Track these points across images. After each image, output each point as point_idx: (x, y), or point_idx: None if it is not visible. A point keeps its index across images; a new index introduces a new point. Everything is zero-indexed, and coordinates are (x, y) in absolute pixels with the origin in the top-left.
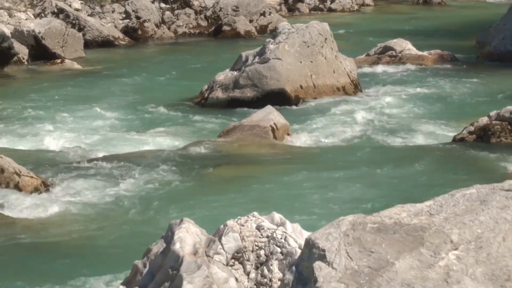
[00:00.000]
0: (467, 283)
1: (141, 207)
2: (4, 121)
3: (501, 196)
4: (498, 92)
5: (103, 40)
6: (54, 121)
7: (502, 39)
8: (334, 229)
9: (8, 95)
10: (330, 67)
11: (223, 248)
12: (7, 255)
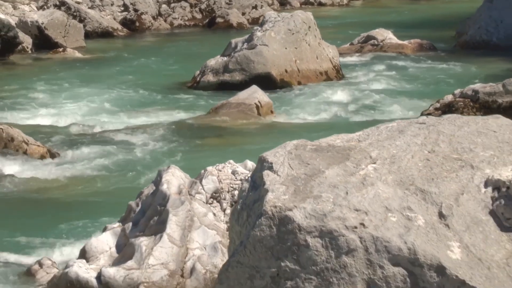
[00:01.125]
0: (379, 185)
1: (135, 167)
2: (12, 101)
3: (415, 127)
4: (469, 76)
5: (103, 31)
6: (57, 101)
7: (478, 29)
8: (281, 149)
9: (14, 79)
10: (313, 53)
11: (203, 189)
12: (16, 207)
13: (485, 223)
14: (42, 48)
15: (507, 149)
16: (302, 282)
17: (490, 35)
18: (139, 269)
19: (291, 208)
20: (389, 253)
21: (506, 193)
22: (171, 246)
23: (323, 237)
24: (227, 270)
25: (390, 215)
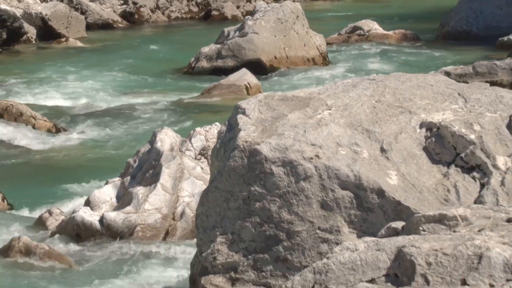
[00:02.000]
0: (332, 126)
1: (133, 136)
2: (19, 85)
3: (366, 82)
4: (447, 62)
5: (103, 23)
6: (61, 84)
7: (459, 20)
8: (253, 99)
9: (21, 65)
10: (301, 41)
11: (192, 146)
12: (28, 171)
13: (419, 156)
14: (46, 39)
15: (440, 98)
16: (268, 203)
17: (470, 26)
18: (136, 213)
19: (259, 143)
20: (339, 179)
21: (436, 132)
22: (164, 194)
23: (285, 166)
24: (206, 194)
25: (340, 149)
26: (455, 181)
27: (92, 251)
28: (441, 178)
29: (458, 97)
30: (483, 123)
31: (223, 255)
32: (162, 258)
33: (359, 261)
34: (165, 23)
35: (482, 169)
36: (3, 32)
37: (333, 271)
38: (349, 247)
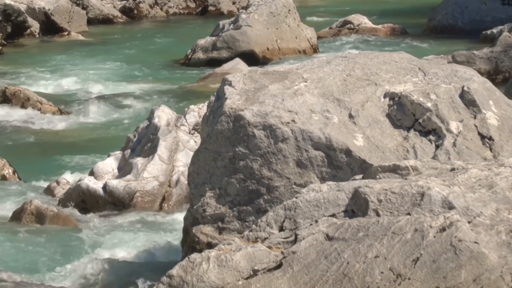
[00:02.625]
0: (307, 96)
1: (133, 118)
2: (24, 74)
3: (339, 59)
4: (432, 53)
5: (104, 18)
6: (64, 73)
7: (445, 14)
8: (239, 73)
9: (25, 57)
10: (293, 34)
11: (187, 122)
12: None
13: (382, 122)
14: (49, 33)
15: (402, 72)
16: (250, 162)
17: (455, 20)
18: (136, 181)
19: (243, 109)
20: (312, 141)
21: (398, 101)
22: (161, 164)
23: (265, 130)
24: (197, 154)
25: (314, 115)
26: (413, 143)
27: (96, 215)
28: (401, 141)
29: (418, 71)
30: (438, 93)
31: (212, 208)
32: (159, 222)
33: (322, 199)
34: (163, 18)
35: (437, 133)
36: (7, 26)
37: (300, 208)
38: (314, 188)
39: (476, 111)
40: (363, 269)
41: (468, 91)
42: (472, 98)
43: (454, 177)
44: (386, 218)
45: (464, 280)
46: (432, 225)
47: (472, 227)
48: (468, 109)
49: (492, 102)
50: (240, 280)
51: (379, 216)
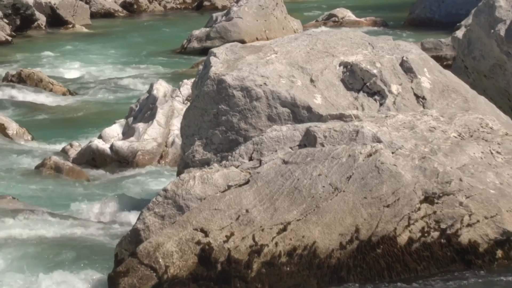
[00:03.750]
0: (277, 64)
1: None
2: (34, 62)
3: (304, 36)
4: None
5: (105, 12)
6: (70, 61)
7: (423, 8)
8: (222, 47)
9: (34, 47)
10: (280, 25)
11: (181, 94)
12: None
13: (337, 85)
14: (54, 25)
15: (355, 46)
16: (230, 117)
17: (433, 13)
18: (138, 142)
19: (224, 75)
20: (280, 99)
21: (350, 69)
22: (159, 128)
23: (243, 91)
24: (188, 111)
25: (281, 79)
26: (362, 102)
27: (104, 170)
28: (352, 100)
29: (368, 45)
30: (383, 62)
31: (199, 154)
32: (157, 174)
33: (282, 136)
34: (161, 12)
35: (381, 94)
36: (16, 18)
37: (265, 143)
38: (276, 129)
39: (413, 76)
40: (309, 184)
41: (407, 60)
42: (410, 66)
43: (384, 121)
44: (327, 147)
45: (385, 192)
46: (362, 152)
47: (394, 156)
48: (406, 75)
49: (426, 70)
50: (217, 192)
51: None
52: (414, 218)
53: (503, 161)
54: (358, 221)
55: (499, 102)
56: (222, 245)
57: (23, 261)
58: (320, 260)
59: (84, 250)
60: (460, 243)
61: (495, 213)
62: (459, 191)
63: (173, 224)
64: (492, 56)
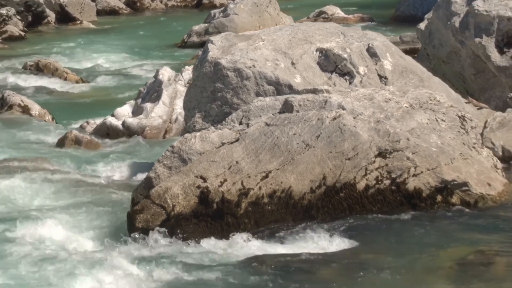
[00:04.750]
0: (263, 50)
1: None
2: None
3: (288, 27)
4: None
5: (110, 10)
6: (79, 53)
7: (407, 5)
8: (218, 35)
9: (46, 41)
10: (273, 21)
11: (183, 78)
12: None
13: (314, 67)
14: (63, 22)
15: (329, 35)
16: (225, 93)
17: (416, 10)
18: (146, 119)
19: (220, 58)
20: (266, 79)
21: (325, 54)
22: (164, 107)
23: (235, 71)
24: (189, 89)
25: (267, 62)
26: (334, 81)
27: (117, 143)
28: (326, 80)
29: (340, 34)
30: (352, 48)
31: (199, 124)
32: (163, 145)
33: (266, 105)
34: (163, 10)
35: (350, 74)
36: (28, 15)
37: (252, 111)
38: (261, 100)
39: (377, 60)
40: (286, 141)
41: (372, 47)
42: (375, 51)
43: (348, 93)
44: (301, 112)
45: (347, 148)
46: (328, 116)
47: (354, 120)
48: (371, 58)
49: (388, 54)
50: (213, 148)
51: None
52: (370, 169)
53: (446, 127)
54: (325, 171)
55: (456, 84)
56: (217, 189)
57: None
58: (295, 201)
59: (103, 199)
60: (407, 190)
61: (435, 166)
62: (407, 148)
63: (178, 173)
64: (448, 45)
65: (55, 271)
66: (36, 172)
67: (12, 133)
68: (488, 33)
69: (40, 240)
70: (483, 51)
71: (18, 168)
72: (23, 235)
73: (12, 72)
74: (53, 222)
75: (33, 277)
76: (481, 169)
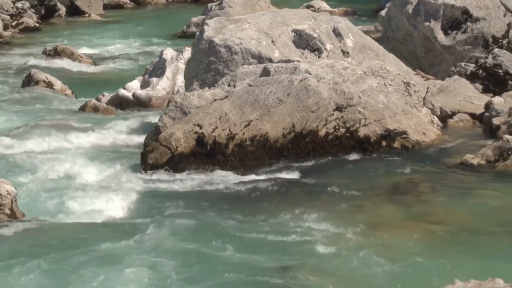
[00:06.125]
0: (249, 30)
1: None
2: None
3: (270, 13)
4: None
5: (116, 4)
6: (89, 42)
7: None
8: (212, 19)
9: (58, 32)
10: None
11: (183, 57)
12: (82, 81)
13: (290, 45)
14: (73, 15)
15: (303, 19)
16: (218, 66)
17: None
18: (152, 91)
19: (214, 37)
20: (251, 54)
21: (299, 33)
22: (168, 81)
23: (226, 47)
24: (189, 61)
25: (252, 40)
26: (306, 55)
27: (128, 112)
28: (300, 55)
29: (312, 18)
30: (321, 29)
31: (197, 91)
32: None
33: (249, 71)
34: (164, 5)
35: (319, 50)
36: (41, 9)
37: (238, 75)
38: (245, 67)
39: (341, 38)
40: (264, 98)
41: (337, 28)
42: (339, 32)
43: (314, 63)
44: (276, 76)
45: (311, 103)
46: (297, 79)
47: (317, 82)
48: (336, 37)
49: (350, 34)
50: (208, 103)
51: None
52: (329, 120)
53: (392, 90)
54: (294, 121)
55: (411, 61)
56: (210, 134)
57: (85, 150)
58: (271, 144)
59: (118, 148)
60: (359, 136)
61: (381, 118)
62: (359, 104)
63: (180, 122)
64: (404, 28)
65: (81, 195)
66: (64, 128)
67: (40, 102)
68: (436, 18)
69: (70, 172)
70: (431, 33)
71: (50, 126)
72: (58, 170)
73: (33, 56)
74: (80, 161)
75: (58, 189)
76: (419, 122)
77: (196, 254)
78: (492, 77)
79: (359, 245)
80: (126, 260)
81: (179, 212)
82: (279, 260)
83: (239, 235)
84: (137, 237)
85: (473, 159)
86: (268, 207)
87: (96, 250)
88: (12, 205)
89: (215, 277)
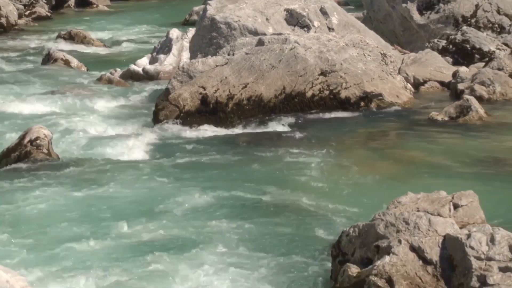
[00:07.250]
0: (246, 9)
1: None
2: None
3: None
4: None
5: None
6: (99, 29)
7: None
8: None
9: (68, 21)
10: None
11: (188, 36)
12: (96, 61)
13: (282, 22)
14: (81, 5)
15: (294, 0)
16: (218, 40)
17: None
18: (160, 66)
19: (215, 15)
20: (248, 29)
21: (290, 12)
22: (174, 57)
23: (226, 24)
24: (193, 36)
25: (249, 18)
26: (296, 32)
27: (139, 85)
28: (291, 30)
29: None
30: (309, 8)
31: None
32: None
33: (246, 42)
34: None
35: (308, 27)
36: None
37: (236, 46)
38: (243, 38)
39: (327, 17)
40: (259, 63)
41: (324, 7)
42: (325, 11)
43: (302, 35)
44: (269, 45)
45: (299, 68)
46: (287, 47)
47: (305, 51)
48: (323, 15)
49: (335, 13)
50: (210, 68)
51: (267, 46)
52: (315, 83)
53: (370, 59)
54: (285, 83)
55: (391, 39)
56: (213, 94)
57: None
58: (264, 103)
59: (133, 109)
60: (341, 98)
61: (360, 82)
62: (340, 70)
63: (187, 84)
64: (384, 9)
65: (105, 142)
66: (85, 94)
67: (60, 76)
68: (412, 0)
69: (94, 126)
70: (408, 13)
71: (73, 92)
72: (83, 124)
73: (48, 40)
74: (102, 118)
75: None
76: (393, 87)
77: (201, 180)
78: (460, 51)
79: (337, 177)
80: (145, 187)
81: (187, 154)
82: (274, 185)
83: (238, 170)
84: (153, 172)
85: (437, 116)
86: (263, 151)
87: (123, 181)
88: (49, 147)
89: (218, 202)
